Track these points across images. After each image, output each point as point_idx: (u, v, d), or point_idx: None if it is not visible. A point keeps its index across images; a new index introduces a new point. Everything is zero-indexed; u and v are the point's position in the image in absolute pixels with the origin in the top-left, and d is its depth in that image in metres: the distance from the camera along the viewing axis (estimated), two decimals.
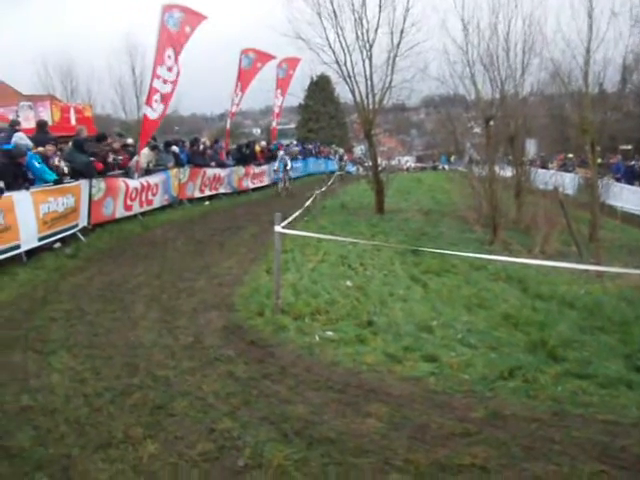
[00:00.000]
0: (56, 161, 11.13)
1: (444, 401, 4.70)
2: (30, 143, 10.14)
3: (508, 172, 16.43)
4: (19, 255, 9.22)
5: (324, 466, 3.72)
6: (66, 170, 11.19)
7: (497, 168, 14.36)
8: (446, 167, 36.97)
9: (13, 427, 4.15)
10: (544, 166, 23.88)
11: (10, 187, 9.00)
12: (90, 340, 6.05)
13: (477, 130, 17.52)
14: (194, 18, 15.33)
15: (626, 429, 4.18)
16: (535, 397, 4.71)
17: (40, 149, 10.79)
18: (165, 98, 14.93)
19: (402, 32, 16.38)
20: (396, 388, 4.93)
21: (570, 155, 24.60)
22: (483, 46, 14.24)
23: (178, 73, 14.94)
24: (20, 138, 10.11)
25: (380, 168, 18.17)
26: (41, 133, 12.23)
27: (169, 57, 14.65)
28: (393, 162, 35.42)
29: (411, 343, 5.85)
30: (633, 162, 23.83)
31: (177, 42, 14.81)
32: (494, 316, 6.79)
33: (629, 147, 28.75)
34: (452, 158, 28.66)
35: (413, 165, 55.46)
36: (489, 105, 14.42)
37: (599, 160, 15.78)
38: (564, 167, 24.57)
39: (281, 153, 23.09)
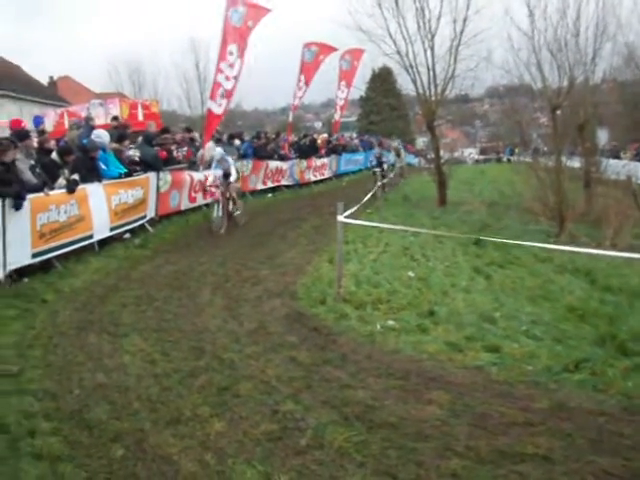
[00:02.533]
0: (130, 152, 11.74)
1: (506, 391, 4.66)
2: (106, 140, 10.61)
3: (577, 163, 15.86)
4: (92, 244, 9.69)
5: (384, 449, 3.77)
6: (137, 159, 11.91)
7: (564, 158, 13.88)
8: (511, 159, 36.01)
9: (91, 402, 4.41)
10: (616, 156, 22.83)
11: (84, 180, 9.46)
12: (159, 324, 6.32)
13: (544, 120, 16.99)
14: (257, 12, 15.53)
15: None
16: (603, 391, 4.59)
17: (114, 145, 11.30)
18: (228, 93, 15.25)
19: (465, 20, 16.11)
20: (457, 377, 4.92)
21: None
22: (550, 32, 13.75)
23: (241, 68, 15.20)
24: (97, 136, 10.59)
25: (442, 160, 17.93)
26: (120, 129, 12.83)
27: (231, 53, 14.94)
28: (456, 154, 34.87)
29: (473, 333, 5.81)
30: None
31: (240, 37, 15.07)
32: (559, 308, 6.63)
33: None
34: (517, 149, 27.90)
35: (476, 157, 54.39)
36: (556, 93, 13.92)
37: None
38: (638, 156, 23.41)
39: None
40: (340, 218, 7.21)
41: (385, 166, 20.28)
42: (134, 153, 11.93)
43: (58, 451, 3.67)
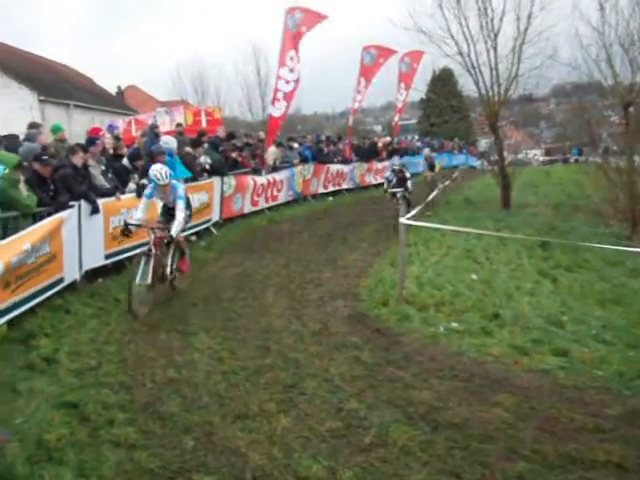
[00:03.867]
0: (202, 159, 12.14)
1: (575, 396, 4.56)
2: (173, 147, 11.00)
3: None
4: None
5: (449, 449, 3.77)
6: (207, 167, 12.25)
7: (638, 158, 13.30)
8: (578, 159, 34.81)
9: (163, 395, 4.62)
10: None
11: None
12: (225, 324, 6.52)
13: (614, 118, 16.35)
14: (313, 18, 15.74)
15: None
16: None
17: (188, 149, 11.78)
18: (288, 96, 15.52)
19: (530, 17, 15.67)
20: (523, 380, 4.85)
21: None
22: (622, 26, 13.22)
23: (299, 72, 15.45)
24: (165, 142, 11.00)
25: (506, 162, 17.54)
26: (198, 137, 13.28)
27: (291, 59, 15.20)
28: (520, 155, 34.01)
29: (539, 336, 5.71)
30: None
31: (295, 42, 15.35)
32: (632, 313, 6.39)
33: None
34: (584, 149, 26.98)
35: (541, 158, 52.79)
36: (628, 89, 13.38)
37: None
38: None
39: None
40: (402, 220, 7.23)
41: (409, 184, 12.85)
42: (205, 160, 12.27)
43: (134, 440, 3.87)
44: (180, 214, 7.26)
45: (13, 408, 4.33)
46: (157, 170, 7.26)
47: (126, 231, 7.13)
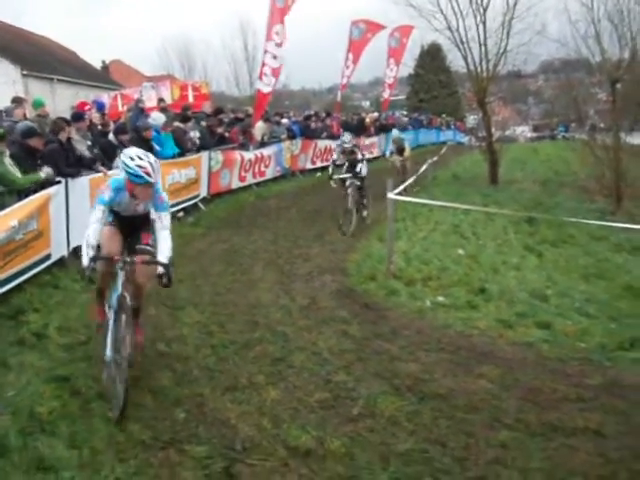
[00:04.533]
0: (191, 134, 12.10)
1: (557, 367, 4.68)
2: (160, 122, 10.91)
3: (638, 139, 15.23)
4: None
5: (435, 419, 3.87)
6: (197, 141, 12.18)
7: (623, 135, 13.39)
8: (566, 136, 34.92)
9: (154, 369, 4.66)
10: None
11: None
12: (213, 298, 6.55)
13: (602, 95, 16.39)
14: None
15: None
16: None
17: (177, 124, 11.69)
18: (275, 71, 15.41)
19: None
20: (507, 352, 4.97)
21: None
22: (612, 1, 13.20)
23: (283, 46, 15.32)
24: (153, 118, 10.90)
25: (494, 138, 17.58)
26: (183, 111, 13.19)
27: (277, 33, 15.04)
28: (508, 132, 34.00)
29: (524, 310, 5.82)
30: None
31: (282, 17, 15.17)
32: (615, 287, 6.54)
33: None
34: (572, 126, 27.04)
35: (529, 134, 52.85)
36: (616, 66, 13.42)
37: None
38: None
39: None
40: (390, 195, 7.26)
41: (363, 170, 10.05)
42: (195, 134, 12.18)
43: (126, 413, 3.91)
44: (167, 236, 4.42)
45: (4, 382, 4.35)
46: (141, 157, 4.23)
47: (93, 273, 4.30)
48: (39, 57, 27.94)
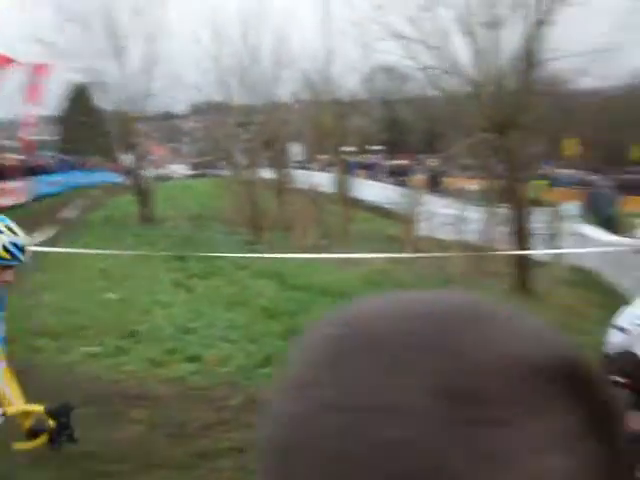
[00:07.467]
0: None
1: (204, 395, 4.97)
2: None
3: (273, 174, 17.26)
4: None
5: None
6: None
7: (260, 171, 15.08)
8: (220, 173, 37.45)
9: None
10: (306, 167, 25.45)
11: None
12: None
13: (245, 136, 18.19)
14: None
15: None
16: None
17: None
18: None
19: (154, 40, 16.41)
20: (158, 390, 5.08)
21: (327, 156, 26.67)
22: (235, 58, 14.89)
23: None
24: None
25: (147, 177, 17.87)
26: None
27: None
28: (164, 170, 34.75)
29: (174, 346, 6.03)
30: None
31: None
32: (253, 311, 7.26)
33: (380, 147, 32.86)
34: (221, 164, 29.22)
35: (187, 172, 55.09)
36: (244, 111, 15.11)
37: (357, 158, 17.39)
38: (326, 167, 26.52)
39: None
40: (33, 248, 6.72)
41: None
42: None
43: None
44: None
45: None
46: None
47: None
48: None
